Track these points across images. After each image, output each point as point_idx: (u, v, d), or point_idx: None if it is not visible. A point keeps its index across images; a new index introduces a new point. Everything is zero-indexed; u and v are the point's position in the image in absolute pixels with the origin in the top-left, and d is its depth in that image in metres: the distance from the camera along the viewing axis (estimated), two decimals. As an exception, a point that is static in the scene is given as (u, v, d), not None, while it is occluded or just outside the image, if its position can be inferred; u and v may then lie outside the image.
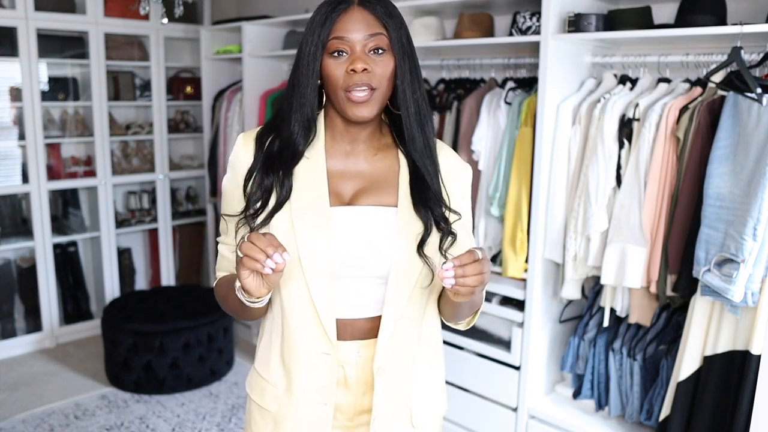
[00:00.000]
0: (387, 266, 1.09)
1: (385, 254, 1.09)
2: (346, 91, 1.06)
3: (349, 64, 1.05)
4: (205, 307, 3.19)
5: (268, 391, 1.16)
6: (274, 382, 1.15)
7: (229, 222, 1.14)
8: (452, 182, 1.19)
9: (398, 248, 1.09)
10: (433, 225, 1.12)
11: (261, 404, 1.17)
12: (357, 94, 1.05)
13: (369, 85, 1.05)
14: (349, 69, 1.04)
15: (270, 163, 1.10)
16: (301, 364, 1.11)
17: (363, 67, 1.04)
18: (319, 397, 1.11)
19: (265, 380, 1.17)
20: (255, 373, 1.20)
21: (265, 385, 1.17)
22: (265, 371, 1.17)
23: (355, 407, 1.14)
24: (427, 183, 1.13)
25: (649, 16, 2.16)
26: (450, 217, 1.15)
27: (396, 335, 1.12)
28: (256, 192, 1.10)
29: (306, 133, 1.11)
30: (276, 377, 1.15)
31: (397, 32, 1.08)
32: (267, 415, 1.16)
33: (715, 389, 1.91)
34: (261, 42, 3.50)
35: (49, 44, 3.52)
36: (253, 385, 1.21)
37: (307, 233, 1.07)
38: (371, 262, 1.09)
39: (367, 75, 1.05)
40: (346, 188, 1.13)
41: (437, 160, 1.16)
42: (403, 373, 1.15)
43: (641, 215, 2.04)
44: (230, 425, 2.82)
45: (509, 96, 2.42)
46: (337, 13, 1.05)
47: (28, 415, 2.87)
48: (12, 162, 3.52)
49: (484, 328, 2.52)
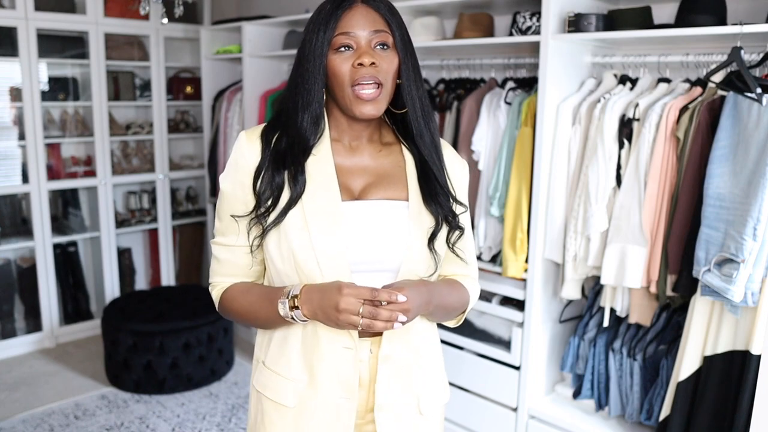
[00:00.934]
0: (400, 259, 1.10)
1: (398, 247, 1.10)
2: (354, 87, 1.06)
3: (356, 58, 1.05)
4: (205, 307, 3.19)
5: (287, 386, 1.14)
6: (293, 377, 1.14)
7: (240, 223, 1.13)
8: (454, 179, 1.21)
9: (412, 241, 1.11)
10: (443, 220, 1.14)
11: (278, 401, 1.15)
12: (365, 92, 1.06)
13: (376, 79, 1.06)
14: (356, 63, 1.05)
15: (280, 160, 1.10)
16: (324, 359, 1.11)
17: (371, 60, 1.05)
18: (342, 392, 1.12)
19: (281, 376, 1.15)
20: (267, 371, 1.18)
21: (281, 381, 1.15)
22: (281, 367, 1.15)
23: (366, 405, 1.15)
24: (436, 177, 1.14)
25: (649, 16, 2.16)
26: (457, 209, 1.18)
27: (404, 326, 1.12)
28: (266, 190, 1.09)
29: (315, 129, 1.11)
30: (296, 372, 1.13)
31: (400, 30, 1.10)
32: (285, 411, 1.15)
33: (715, 389, 1.91)
34: (261, 42, 3.50)
35: (49, 44, 3.52)
36: (265, 383, 1.18)
37: (322, 229, 1.08)
38: (385, 256, 1.10)
39: (375, 69, 1.05)
40: (355, 183, 1.14)
41: (442, 155, 1.18)
42: (407, 363, 1.16)
43: (641, 215, 2.04)
44: (230, 425, 2.82)
45: (509, 96, 2.42)
46: (342, 10, 1.07)
47: (28, 415, 2.87)
48: (12, 162, 3.52)
49: (484, 328, 2.52)
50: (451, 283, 1.22)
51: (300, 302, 1.04)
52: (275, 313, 1.08)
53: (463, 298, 1.23)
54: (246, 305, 1.15)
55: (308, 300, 1.04)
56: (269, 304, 1.09)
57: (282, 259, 1.10)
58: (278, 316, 1.08)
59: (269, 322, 1.13)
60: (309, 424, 1.13)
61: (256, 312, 1.13)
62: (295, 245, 1.08)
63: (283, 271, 1.11)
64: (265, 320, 1.13)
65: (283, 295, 1.07)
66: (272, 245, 1.11)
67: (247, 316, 1.15)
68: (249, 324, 1.18)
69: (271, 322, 1.12)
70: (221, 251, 1.17)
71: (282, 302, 1.06)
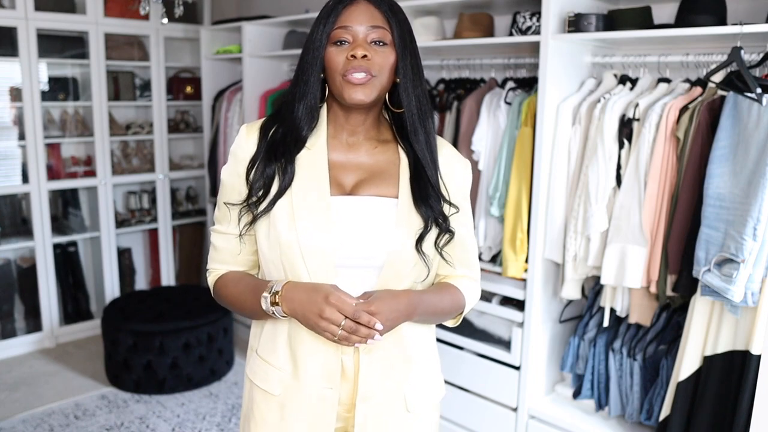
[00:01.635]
0: (384, 256, 1.11)
1: (382, 244, 1.10)
2: (344, 75, 1.08)
3: (350, 51, 1.08)
4: (205, 307, 3.19)
5: (273, 375, 1.17)
6: (279, 366, 1.16)
7: (231, 210, 1.17)
8: (452, 179, 1.21)
9: (395, 238, 1.11)
10: (432, 222, 1.14)
11: (265, 388, 1.18)
12: (355, 75, 1.07)
13: (367, 70, 1.08)
14: (349, 55, 1.08)
15: (273, 151, 1.13)
16: (308, 349, 1.13)
17: (363, 53, 1.07)
18: (325, 382, 1.13)
19: (270, 364, 1.18)
20: (258, 359, 1.21)
21: (269, 369, 1.18)
22: (270, 356, 1.18)
23: (352, 398, 1.16)
24: (428, 177, 1.15)
25: (649, 16, 2.16)
26: (449, 211, 1.17)
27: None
28: (258, 180, 1.13)
29: (309, 119, 1.13)
30: (283, 361, 1.16)
31: (399, 29, 1.11)
32: (272, 399, 1.17)
33: (715, 389, 1.91)
34: (261, 42, 3.50)
35: (49, 44, 3.52)
36: (255, 370, 1.21)
37: (308, 221, 1.10)
38: (369, 252, 1.11)
39: (367, 62, 1.08)
40: (348, 179, 1.16)
41: (437, 156, 1.18)
42: (392, 359, 1.16)
43: (641, 215, 2.04)
44: (230, 425, 2.82)
45: (509, 96, 2.42)
46: (343, 5, 1.10)
47: (28, 415, 2.87)
48: (12, 162, 3.52)
49: (484, 328, 2.52)
50: (442, 288, 1.22)
51: (280, 299, 1.07)
52: (259, 305, 1.10)
53: (456, 302, 1.22)
54: (235, 294, 1.18)
55: (289, 299, 1.06)
56: (254, 297, 1.12)
57: (270, 248, 1.13)
58: (261, 310, 1.10)
59: (255, 314, 1.15)
60: (293, 412, 1.15)
61: (243, 303, 1.16)
62: (282, 236, 1.10)
63: (270, 259, 1.14)
64: (251, 311, 1.15)
65: (267, 290, 1.09)
66: (261, 234, 1.14)
67: (236, 305, 1.19)
68: (239, 313, 1.21)
69: (257, 314, 1.14)
70: (218, 239, 1.22)
71: (264, 297, 1.09)
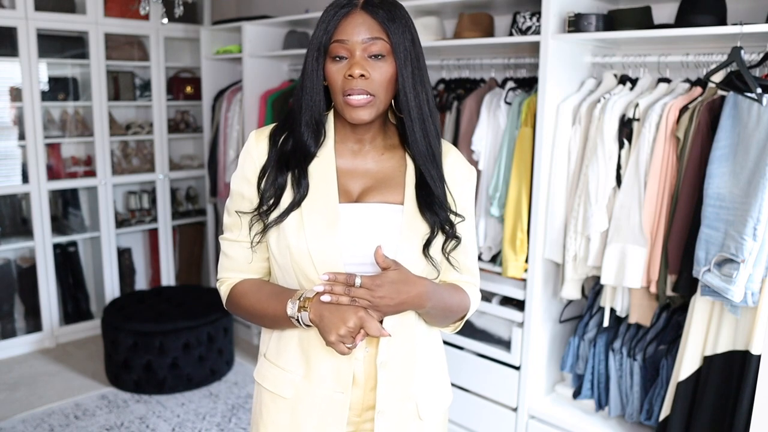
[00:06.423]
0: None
1: (389, 250, 1.10)
2: (344, 95, 1.08)
3: (347, 70, 1.07)
4: (205, 307, 3.19)
5: (284, 378, 1.17)
6: (290, 369, 1.16)
7: (242, 218, 1.17)
8: (460, 186, 1.21)
9: (402, 244, 1.11)
10: (438, 228, 1.15)
11: (275, 391, 1.18)
12: (354, 98, 1.07)
13: (365, 91, 1.07)
14: (347, 75, 1.06)
15: (284, 161, 1.13)
16: (320, 353, 1.13)
17: (360, 72, 1.06)
18: (336, 386, 1.14)
19: (280, 368, 1.18)
20: (267, 363, 1.21)
21: (279, 373, 1.18)
22: (280, 359, 1.18)
23: (362, 403, 1.16)
24: (431, 186, 1.14)
25: (649, 16, 2.16)
26: (455, 218, 1.18)
27: (398, 331, 1.14)
28: (269, 189, 1.13)
29: (315, 135, 1.14)
30: (294, 365, 1.16)
31: (399, 36, 1.08)
32: (282, 402, 1.18)
33: (715, 389, 1.91)
34: (261, 42, 3.50)
35: (49, 44, 3.52)
36: (264, 374, 1.21)
37: (317, 230, 1.10)
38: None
39: (365, 81, 1.07)
40: (355, 186, 1.16)
41: (441, 164, 1.17)
42: (406, 368, 1.17)
43: (641, 215, 2.04)
44: (230, 425, 2.82)
45: (509, 96, 2.42)
46: (340, 16, 1.08)
47: (28, 415, 2.87)
48: (12, 162, 3.52)
49: (484, 328, 2.52)
50: (453, 286, 1.23)
51: (310, 304, 1.07)
52: (282, 311, 1.10)
53: (463, 302, 1.23)
54: (255, 302, 1.17)
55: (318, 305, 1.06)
56: (278, 303, 1.11)
57: (280, 254, 1.14)
58: (284, 316, 1.10)
59: (274, 322, 1.15)
60: (304, 415, 1.15)
61: (264, 309, 1.15)
62: (292, 244, 1.11)
63: (281, 264, 1.15)
64: (272, 318, 1.14)
65: (295, 297, 1.09)
66: (273, 242, 1.15)
67: (255, 313, 1.18)
68: (254, 321, 1.20)
69: (276, 322, 1.14)
70: (229, 247, 1.21)
71: (292, 302, 1.09)
